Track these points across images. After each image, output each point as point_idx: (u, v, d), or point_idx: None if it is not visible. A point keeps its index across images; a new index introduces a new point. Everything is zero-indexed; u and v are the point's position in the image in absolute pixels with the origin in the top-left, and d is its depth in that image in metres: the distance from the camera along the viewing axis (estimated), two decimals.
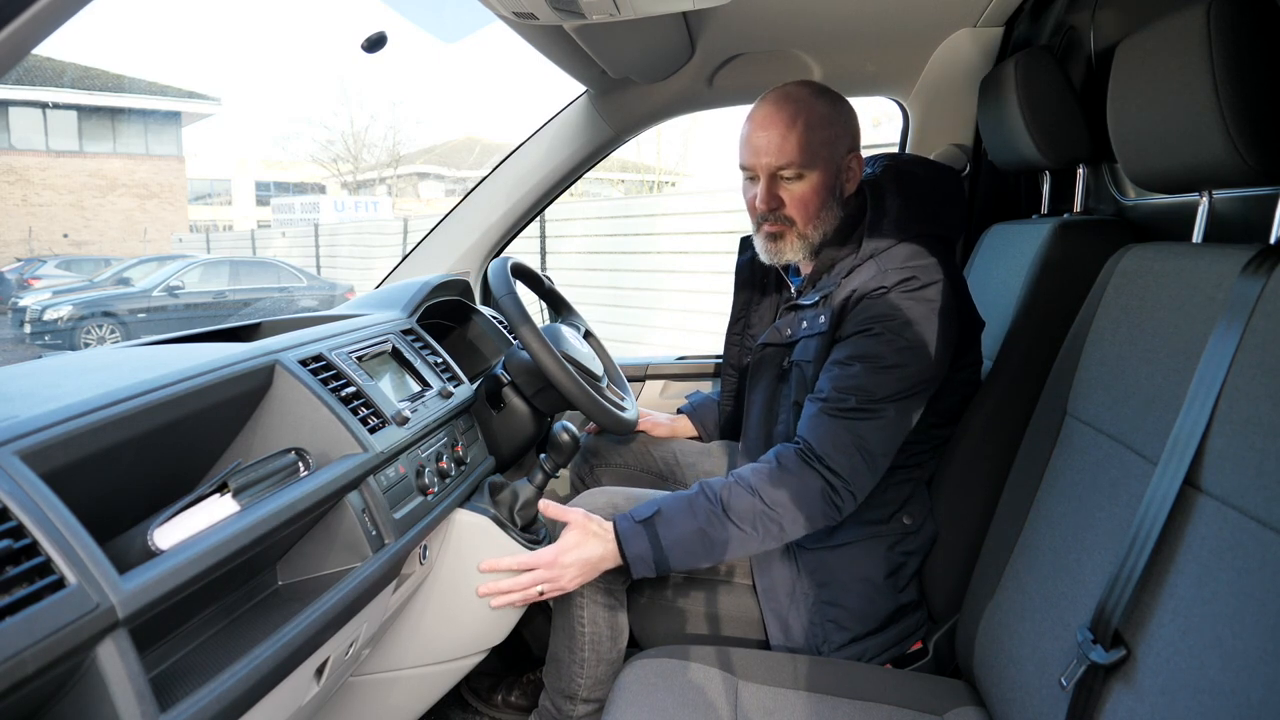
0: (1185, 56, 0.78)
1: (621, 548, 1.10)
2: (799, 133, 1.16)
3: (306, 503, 0.82)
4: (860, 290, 1.13)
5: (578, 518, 1.13)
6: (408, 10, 1.36)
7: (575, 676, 1.23)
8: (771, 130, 1.17)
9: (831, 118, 1.18)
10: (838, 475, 1.08)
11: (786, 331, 1.25)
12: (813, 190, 1.18)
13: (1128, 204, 1.28)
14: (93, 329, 8.94)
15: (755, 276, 1.42)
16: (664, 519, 1.10)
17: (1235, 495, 0.66)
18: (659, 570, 1.10)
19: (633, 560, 1.09)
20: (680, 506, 1.10)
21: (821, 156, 1.17)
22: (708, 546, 1.09)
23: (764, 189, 1.19)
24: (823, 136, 1.17)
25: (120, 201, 16.04)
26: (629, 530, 1.10)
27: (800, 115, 1.16)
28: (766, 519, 1.08)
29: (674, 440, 1.56)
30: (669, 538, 1.09)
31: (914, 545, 1.20)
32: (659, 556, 1.09)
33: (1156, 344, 0.82)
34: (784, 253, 1.23)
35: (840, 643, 1.17)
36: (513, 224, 1.83)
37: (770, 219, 1.21)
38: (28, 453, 0.61)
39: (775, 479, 1.09)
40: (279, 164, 22.78)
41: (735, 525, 1.08)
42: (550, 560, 1.11)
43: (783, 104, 1.18)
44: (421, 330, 1.33)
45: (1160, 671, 0.70)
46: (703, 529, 1.08)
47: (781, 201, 1.19)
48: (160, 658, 0.73)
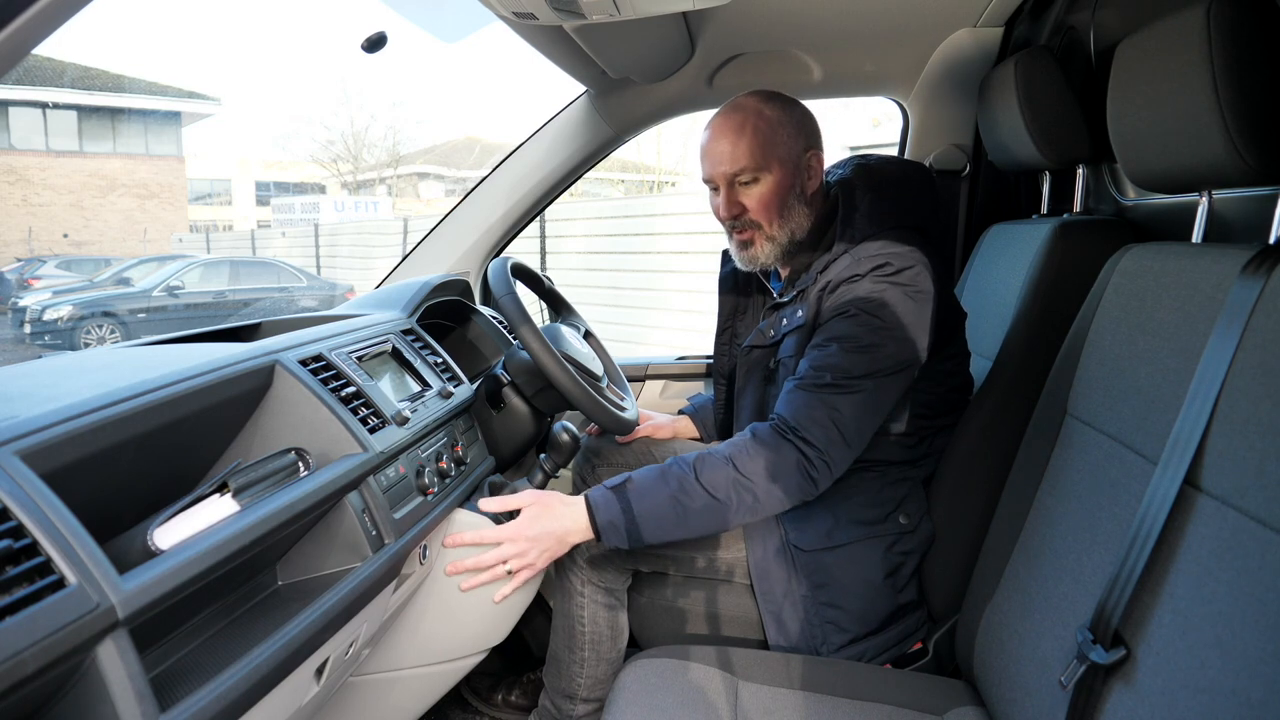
0: (1185, 56, 0.78)
1: (592, 515, 1.09)
2: (748, 137, 1.19)
3: (306, 503, 0.82)
4: (835, 279, 1.15)
5: (527, 495, 1.13)
6: (408, 10, 1.36)
7: (575, 676, 1.23)
8: (723, 140, 1.21)
9: (781, 120, 1.21)
10: (812, 446, 1.07)
11: (770, 333, 1.27)
12: (771, 191, 1.21)
13: (1128, 204, 1.28)
14: (93, 329, 8.94)
15: (739, 286, 1.44)
16: (635, 486, 1.09)
17: (1235, 495, 0.66)
18: (630, 541, 1.08)
19: (604, 528, 1.08)
20: (652, 475, 1.10)
21: (775, 157, 1.20)
22: (680, 515, 1.07)
23: (724, 196, 1.23)
24: (773, 138, 1.20)
25: (120, 201, 16.04)
26: (600, 498, 1.09)
27: (748, 121, 1.20)
28: (740, 487, 1.07)
29: (675, 441, 1.56)
30: (641, 506, 1.07)
31: (911, 545, 1.20)
32: (630, 525, 1.08)
33: (1156, 344, 0.82)
34: (757, 257, 1.25)
35: (839, 644, 1.17)
36: (513, 224, 1.83)
37: (736, 225, 1.24)
38: (28, 453, 0.61)
39: (749, 449, 1.09)
40: (279, 164, 22.79)
41: (708, 493, 1.07)
42: (514, 534, 1.10)
43: (731, 114, 1.22)
44: (421, 330, 1.33)
45: (1160, 671, 0.70)
46: (674, 496, 1.07)
47: (743, 207, 1.23)
48: (160, 658, 0.73)
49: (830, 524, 1.18)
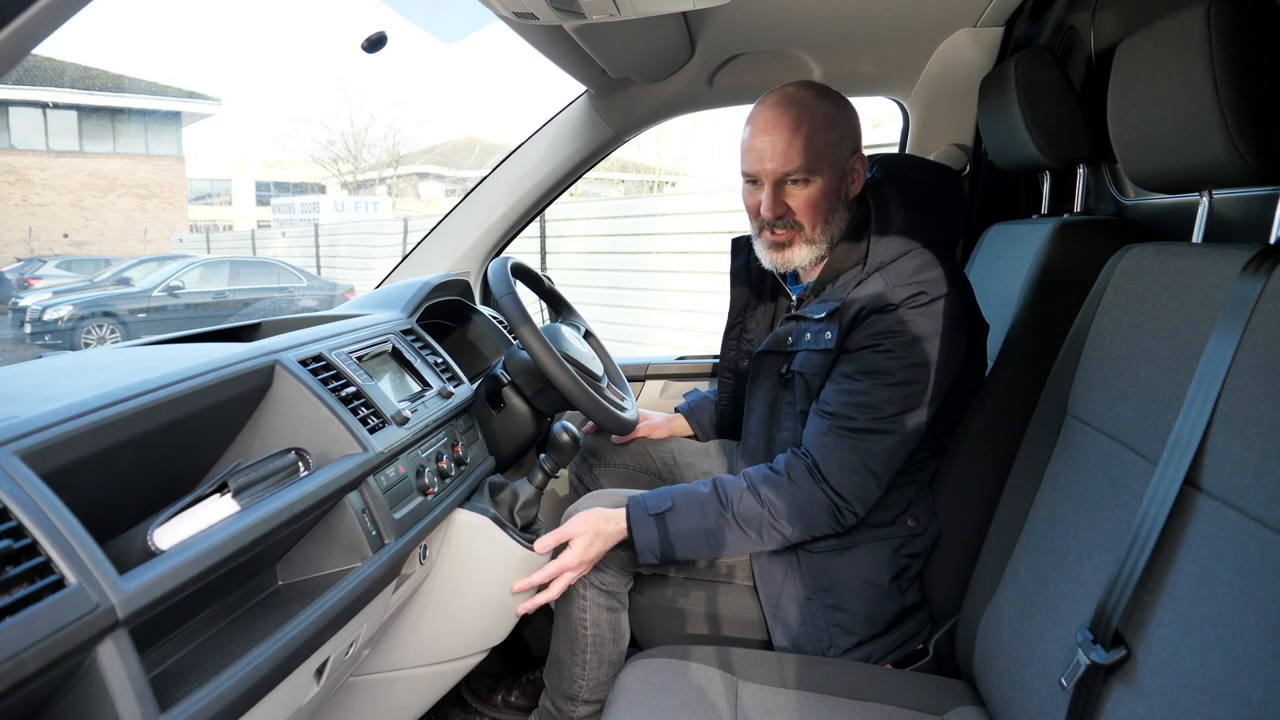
0: (1185, 56, 0.78)
1: (632, 533, 1.15)
2: (804, 137, 1.13)
3: (306, 503, 0.82)
4: (868, 305, 1.12)
5: (575, 525, 1.16)
6: (408, 10, 1.36)
7: (576, 678, 1.23)
8: (776, 135, 1.14)
9: (835, 119, 1.16)
10: (843, 498, 1.11)
11: (788, 340, 1.24)
12: (820, 194, 1.16)
13: (1128, 204, 1.28)
14: (93, 329, 8.94)
15: (752, 280, 1.41)
16: (675, 514, 1.15)
17: (1235, 495, 0.66)
18: (665, 559, 1.15)
19: (640, 548, 1.15)
20: (693, 505, 1.15)
21: (827, 160, 1.15)
22: (711, 544, 1.15)
23: (770, 196, 1.17)
24: (827, 139, 1.14)
25: (120, 201, 16.03)
26: (641, 519, 1.15)
27: (804, 119, 1.14)
28: (770, 528, 1.14)
29: (673, 440, 1.56)
30: (677, 531, 1.14)
31: (918, 547, 1.20)
32: (665, 547, 1.14)
33: (1157, 344, 0.82)
34: (791, 260, 1.21)
35: (846, 646, 1.17)
36: (513, 224, 1.83)
37: (777, 225, 1.19)
38: (28, 453, 0.61)
39: (784, 491, 1.13)
40: (279, 164, 22.77)
41: (740, 529, 1.14)
42: (576, 563, 1.16)
43: (785, 107, 1.15)
44: (421, 330, 1.33)
45: (1160, 671, 0.70)
46: (710, 529, 1.14)
47: (789, 208, 1.17)
48: (160, 658, 0.73)
49: None
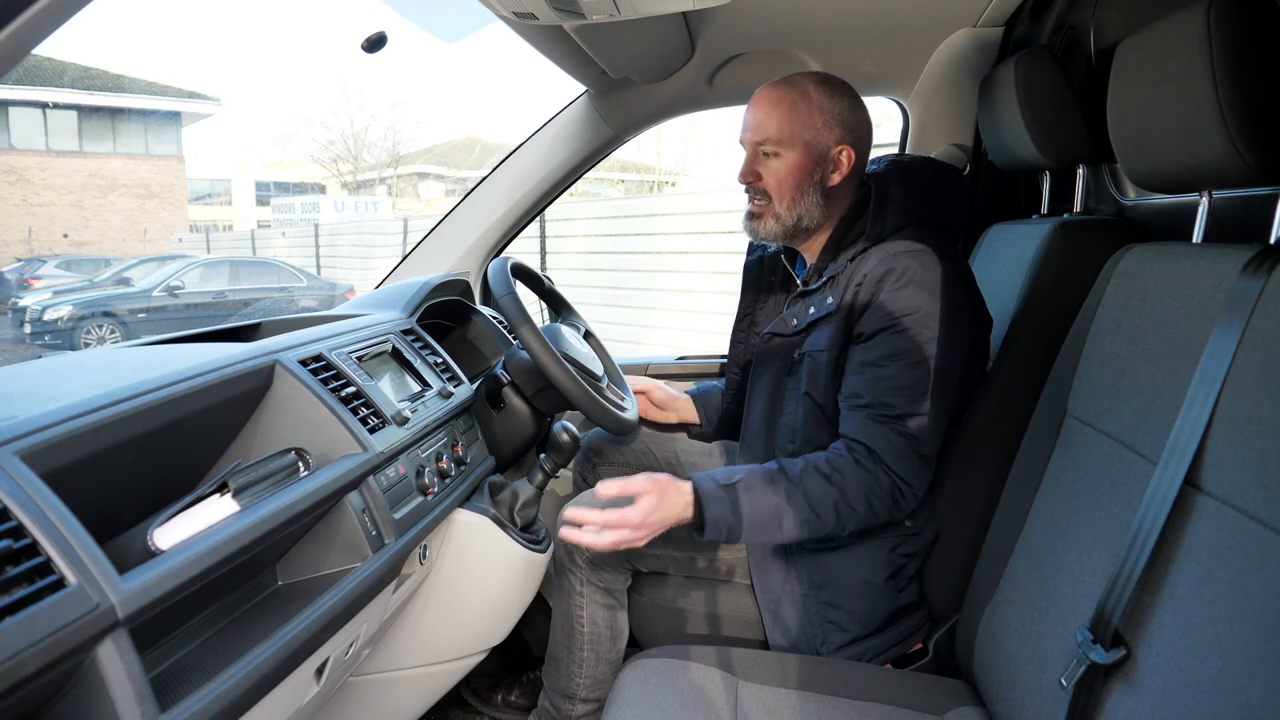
0: (1185, 56, 0.78)
1: (702, 508, 1.09)
2: (783, 112, 1.20)
3: (306, 503, 0.82)
4: (870, 275, 1.14)
5: (644, 482, 1.10)
6: (408, 10, 1.36)
7: (574, 676, 1.23)
8: (759, 108, 1.23)
9: (823, 105, 1.21)
10: (906, 483, 1.10)
11: (793, 321, 1.26)
12: (788, 170, 1.22)
13: (1128, 204, 1.28)
14: (93, 329, 8.94)
15: (764, 275, 1.43)
16: (746, 487, 1.10)
17: (1235, 495, 0.66)
18: (730, 539, 1.10)
19: (712, 522, 1.09)
20: (763, 478, 1.11)
21: (801, 139, 1.20)
22: (778, 524, 1.09)
23: (745, 161, 1.26)
24: (807, 121, 1.20)
25: (120, 201, 16.04)
26: (712, 492, 1.10)
27: (789, 96, 1.21)
28: (841, 508, 1.09)
29: (676, 440, 1.56)
30: (748, 508, 1.09)
31: (915, 547, 1.20)
32: (734, 525, 1.09)
33: (1156, 344, 0.82)
34: (759, 231, 1.27)
35: (839, 643, 1.17)
36: (513, 224, 1.83)
37: (750, 192, 1.27)
38: (28, 453, 0.61)
39: (849, 472, 1.10)
40: (279, 164, 22.78)
41: (811, 509, 1.09)
42: (638, 523, 1.09)
43: (777, 86, 1.23)
44: (421, 330, 1.33)
45: (1160, 671, 0.70)
46: (779, 506, 1.09)
47: (758, 175, 1.24)
48: (160, 658, 0.73)
49: None
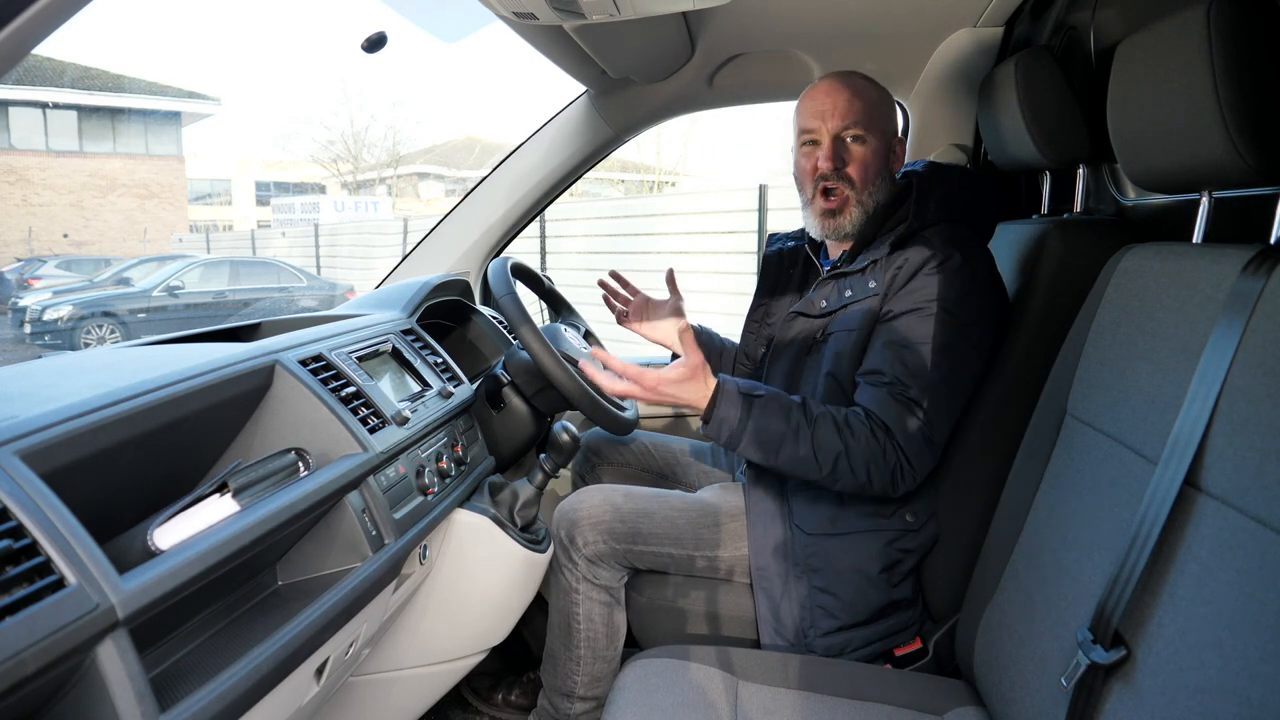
0: (1185, 56, 0.78)
1: (715, 403, 1.12)
2: (863, 99, 1.26)
3: (306, 503, 0.82)
4: (912, 258, 1.17)
5: (697, 364, 1.12)
6: (408, 10, 1.36)
7: (572, 674, 1.23)
8: (837, 96, 1.26)
9: (883, 100, 1.30)
10: (910, 462, 1.11)
11: (821, 303, 1.27)
12: (872, 155, 1.26)
13: (1128, 204, 1.28)
14: (93, 329, 8.94)
15: (783, 267, 1.46)
16: (763, 404, 1.12)
17: (1235, 495, 0.66)
18: (728, 443, 1.12)
19: (718, 418, 1.12)
20: (782, 403, 1.13)
21: (879, 127, 1.27)
22: (776, 449, 1.11)
23: (828, 148, 1.26)
24: (881, 110, 1.28)
25: (120, 201, 16.04)
26: (731, 394, 1.12)
27: (862, 85, 1.28)
28: (841, 461, 1.10)
29: (675, 440, 1.56)
30: (756, 422, 1.11)
31: (913, 543, 1.20)
32: (736, 431, 1.11)
33: (1156, 344, 0.82)
34: (842, 225, 1.27)
35: (826, 629, 1.17)
36: (513, 224, 1.83)
37: (831, 179, 1.26)
38: (28, 453, 0.61)
39: (863, 436, 1.11)
40: (279, 164, 22.77)
41: (812, 451, 1.10)
42: (652, 385, 1.12)
43: (845, 78, 1.29)
44: (421, 330, 1.33)
45: (1160, 671, 0.70)
46: (786, 435, 1.11)
47: (844, 161, 1.26)
48: (160, 658, 0.73)
49: (836, 510, 1.19)
